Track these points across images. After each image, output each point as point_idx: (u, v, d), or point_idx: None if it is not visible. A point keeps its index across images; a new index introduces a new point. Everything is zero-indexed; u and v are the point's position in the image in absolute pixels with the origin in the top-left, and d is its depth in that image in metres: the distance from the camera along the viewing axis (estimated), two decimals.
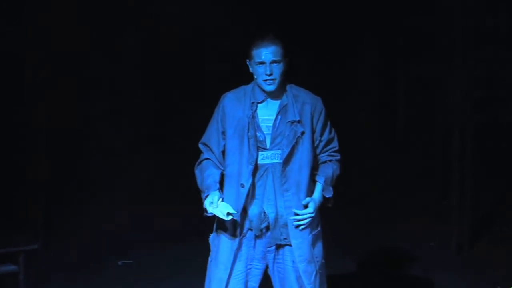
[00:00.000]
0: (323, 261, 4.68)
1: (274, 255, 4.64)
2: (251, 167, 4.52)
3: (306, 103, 4.61)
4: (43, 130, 8.06)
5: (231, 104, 4.61)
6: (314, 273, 4.61)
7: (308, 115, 4.59)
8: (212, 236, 4.69)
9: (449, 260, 7.40)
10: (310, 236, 4.59)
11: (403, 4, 9.42)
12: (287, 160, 4.54)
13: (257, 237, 4.59)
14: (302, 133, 4.55)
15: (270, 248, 4.63)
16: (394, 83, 10.00)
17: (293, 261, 4.60)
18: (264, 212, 4.57)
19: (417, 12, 9.37)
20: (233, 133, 4.56)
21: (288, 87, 4.62)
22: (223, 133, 4.61)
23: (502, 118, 9.29)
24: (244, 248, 4.58)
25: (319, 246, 4.67)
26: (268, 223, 4.57)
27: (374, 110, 10.10)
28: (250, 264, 4.63)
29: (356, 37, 9.69)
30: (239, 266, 4.60)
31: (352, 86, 9.96)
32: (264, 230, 4.58)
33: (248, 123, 4.54)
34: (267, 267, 4.69)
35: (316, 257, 4.63)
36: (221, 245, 4.59)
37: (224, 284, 4.57)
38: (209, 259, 4.69)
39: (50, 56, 8.10)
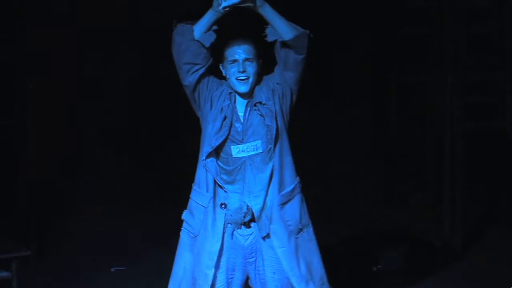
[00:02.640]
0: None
1: (255, 266, 4.62)
2: (209, 149, 4.48)
3: (264, 85, 4.58)
4: (33, 136, 8.07)
5: (219, 89, 4.58)
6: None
7: (271, 93, 4.56)
8: (186, 213, 4.67)
9: (441, 267, 7.41)
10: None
11: (395, 12, 9.44)
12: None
13: (236, 232, 4.57)
14: (275, 111, 4.52)
15: (250, 260, 4.61)
16: (386, 90, 10.01)
17: (274, 272, 4.58)
18: (247, 206, 4.54)
19: (408, 19, 9.39)
20: (213, 117, 4.52)
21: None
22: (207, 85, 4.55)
23: (493, 124, 9.31)
24: (224, 254, 4.57)
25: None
26: (253, 215, 4.54)
27: (366, 117, 10.10)
28: (232, 274, 4.62)
29: (347, 44, 9.70)
30: (220, 277, 4.58)
31: (343, 92, 9.96)
32: (248, 224, 4.56)
33: (231, 112, 4.52)
34: (247, 278, 4.68)
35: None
36: (204, 219, 4.55)
37: (216, 256, 4.53)
38: (189, 230, 4.62)
39: (42, 65, 8.12)
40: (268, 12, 4.45)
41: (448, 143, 7.71)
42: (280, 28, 4.44)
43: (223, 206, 4.54)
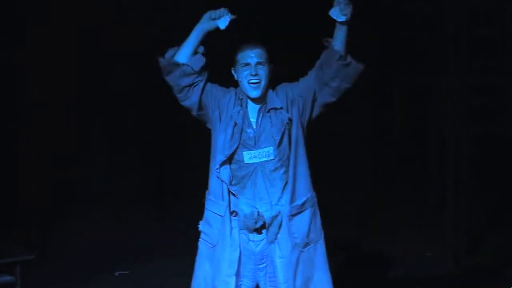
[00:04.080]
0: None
1: (266, 273, 4.59)
2: (223, 158, 4.48)
3: (281, 92, 4.58)
4: (35, 140, 8.08)
5: (226, 96, 4.58)
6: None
7: (286, 100, 4.55)
8: (203, 223, 4.64)
9: (446, 271, 7.40)
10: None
11: (398, 14, 9.44)
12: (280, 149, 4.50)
13: (247, 238, 4.56)
14: (290, 119, 4.51)
15: (260, 266, 4.59)
16: (389, 93, 10.02)
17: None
18: (258, 212, 4.52)
19: (411, 22, 9.39)
20: (224, 125, 4.51)
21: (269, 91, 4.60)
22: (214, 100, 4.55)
23: (497, 127, 9.29)
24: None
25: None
26: (264, 221, 4.52)
27: (369, 120, 10.11)
28: (241, 281, 4.59)
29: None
30: None
31: (346, 96, 9.95)
32: (259, 230, 4.53)
33: (242, 118, 4.51)
34: (257, 286, 4.65)
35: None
36: (222, 227, 4.54)
37: (236, 263, 4.52)
38: (207, 240, 4.60)
39: (43, 65, 8.14)
40: (344, 32, 4.53)
41: (451, 146, 7.70)
42: (341, 38, 4.52)
43: (233, 214, 4.54)
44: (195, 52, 4.49)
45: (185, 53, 4.48)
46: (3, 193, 7.85)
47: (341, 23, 4.48)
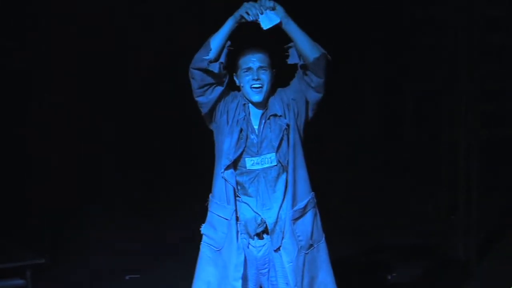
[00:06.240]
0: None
1: (268, 277, 4.61)
2: (227, 162, 4.48)
3: (278, 97, 4.57)
4: (46, 145, 8.11)
5: (234, 101, 4.57)
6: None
7: (282, 105, 4.55)
8: (206, 226, 4.64)
9: (456, 275, 7.38)
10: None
11: (409, 19, 9.45)
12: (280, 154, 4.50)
13: (250, 245, 4.56)
14: (288, 125, 4.51)
15: (263, 271, 4.60)
16: (401, 99, 10.02)
17: (286, 283, 4.56)
18: (261, 217, 4.52)
19: (423, 28, 9.39)
20: (230, 130, 4.51)
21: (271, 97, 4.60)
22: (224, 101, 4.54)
23: (508, 132, 9.29)
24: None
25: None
26: (266, 227, 4.53)
27: (379, 126, 10.11)
28: (245, 286, 4.59)
29: (361, 52, 9.71)
30: None
31: (358, 101, 9.98)
32: (260, 235, 4.55)
33: (246, 124, 4.52)
34: None
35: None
36: (229, 232, 4.53)
37: (242, 267, 4.51)
38: (211, 244, 4.59)
39: (45, 67, 8.16)
40: (292, 29, 4.44)
41: (462, 151, 7.69)
42: (304, 46, 4.42)
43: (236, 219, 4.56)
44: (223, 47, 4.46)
45: (216, 47, 4.42)
46: (14, 197, 7.87)
47: (284, 24, 4.42)
